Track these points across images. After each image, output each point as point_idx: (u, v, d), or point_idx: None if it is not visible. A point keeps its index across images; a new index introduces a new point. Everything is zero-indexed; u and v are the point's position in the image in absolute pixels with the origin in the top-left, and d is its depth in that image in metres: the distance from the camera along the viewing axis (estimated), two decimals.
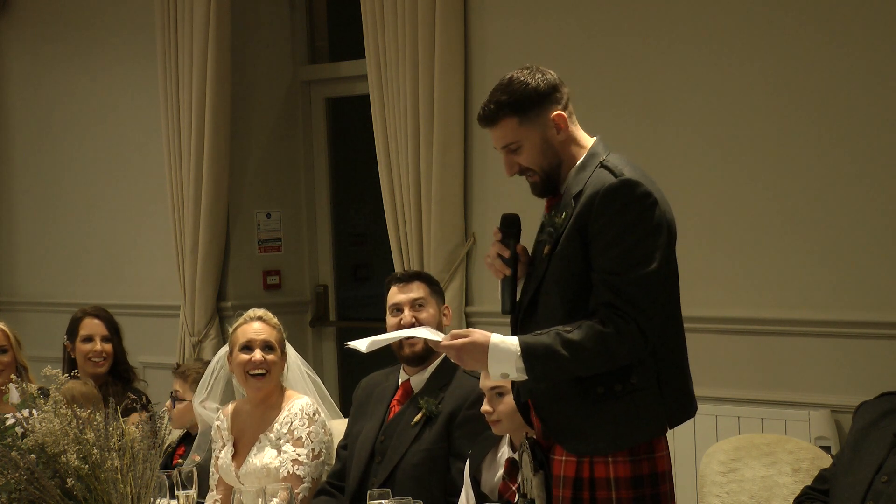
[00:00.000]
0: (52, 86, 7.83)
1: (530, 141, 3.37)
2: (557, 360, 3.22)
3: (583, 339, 3.21)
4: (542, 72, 3.41)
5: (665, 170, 5.30)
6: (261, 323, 4.60)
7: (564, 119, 3.40)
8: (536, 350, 3.24)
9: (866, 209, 4.86)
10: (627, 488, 3.30)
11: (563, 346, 3.21)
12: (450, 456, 4.37)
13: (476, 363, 3.32)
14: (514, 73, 3.40)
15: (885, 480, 3.73)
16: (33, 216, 8.02)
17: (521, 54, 5.70)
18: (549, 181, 3.41)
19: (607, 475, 3.30)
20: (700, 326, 5.17)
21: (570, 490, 3.32)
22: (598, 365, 3.24)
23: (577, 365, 3.23)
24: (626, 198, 3.25)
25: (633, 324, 3.21)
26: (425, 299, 4.56)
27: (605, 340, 3.21)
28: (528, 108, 3.36)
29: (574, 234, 3.28)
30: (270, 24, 6.97)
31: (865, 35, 4.84)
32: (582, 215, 3.27)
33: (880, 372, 4.75)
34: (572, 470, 3.32)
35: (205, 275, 6.79)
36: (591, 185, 3.29)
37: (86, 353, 5.68)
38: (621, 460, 3.29)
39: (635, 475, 3.31)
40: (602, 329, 3.21)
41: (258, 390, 4.57)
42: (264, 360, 4.55)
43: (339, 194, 7.08)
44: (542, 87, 3.37)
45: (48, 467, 3.73)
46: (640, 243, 3.24)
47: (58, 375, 3.96)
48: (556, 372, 3.26)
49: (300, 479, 4.45)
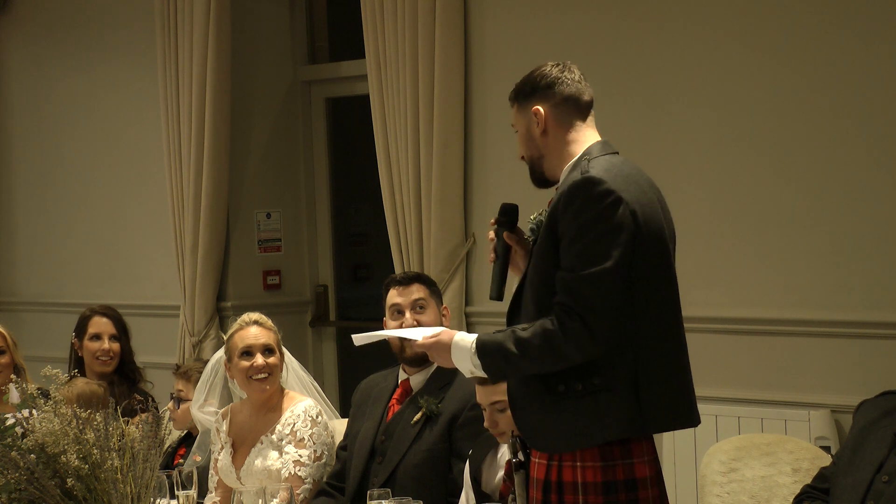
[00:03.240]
0: (51, 85, 7.83)
1: (521, 127, 3.48)
2: (507, 357, 3.28)
3: (531, 336, 3.25)
4: (560, 66, 3.50)
5: (665, 169, 5.30)
6: (258, 327, 4.62)
7: (541, 114, 3.43)
8: (489, 347, 3.32)
9: (866, 209, 4.86)
10: (597, 493, 3.27)
11: (514, 343, 3.27)
12: (451, 456, 4.37)
13: (444, 361, 3.42)
14: (542, 65, 3.52)
15: (885, 480, 3.73)
16: (33, 216, 8.02)
17: (521, 54, 5.71)
18: (533, 170, 3.50)
19: (574, 479, 3.29)
20: (700, 326, 5.18)
21: (541, 493, 3.34)
22: (546, 363, 3.25)
23: (526, 362, 3.27)
24: (586, 195, 3.27)
25: (577, 321, 3.20)
26: (426, 301, 4.56)
27: (549, 338, 3.23)
28: (521, 97, 3.48)
29: (546, 233, 3.34)
30: (270, 24, 6.97)
31: (870, 33, 4.83)
32: (552, 214, 3.33)
33: (880, 372, 4.75)
34: (542, 472, 3.34)
35: (205, 275, 6.79)
36: (564, 184, 3.35)
37: (93, 352, 5.68)
38: (590, 465, 3.28)
39: (607, 480, 3.28)
40: (549, 327, 3.24)
41: (262, 392, 4.59)
42: (266, 363, 4.56)
43: (339, 194, 7.08)
44: (539, 80, 3.46)
45: (48, 467, 3.73)
46: (596, 241, 3.24)
47: (58, 375, 3.96)
48: (507, 368, 3.32)
49: (301, 481, 4.46)
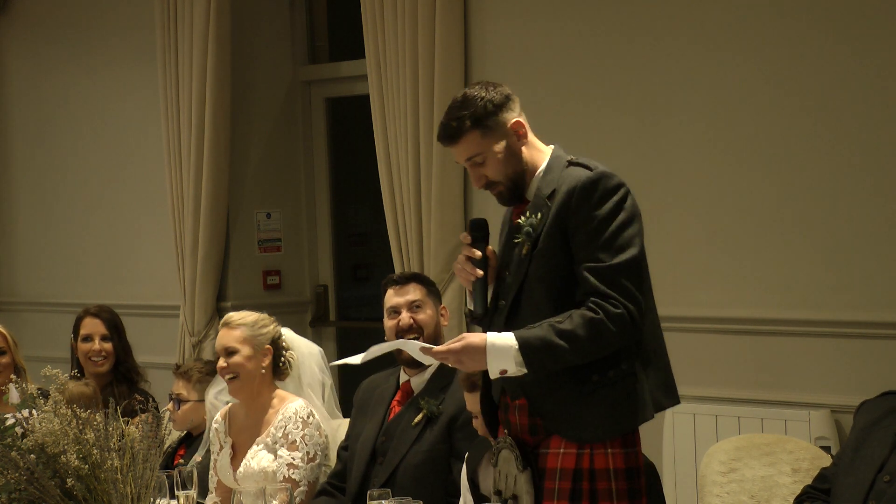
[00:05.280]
0: (51, 86, 7.83)
1: (493, 151, 3.48)
2: (554, 350, 3.32)
3: (575, 327, 3.32)
4: (493, 84, 3.54)
5: (665, 169, 5.31)
6: (225, 329, 4.66)
7: (523, 125, 3.52)
8: (533, 343, 3.34)
9: (866, 209, 4.86)
10: (623, 479, 3.41)
11: (559, 335, 3.32)
12: (451, 457, 4.37)
13: (476, 364, 3.41)
14: (467, 90, 3.53)
15: (886, 480, 3.73)
16: (33, 216, 8.02)
17: (520, 54, 5.71)
18: (515, 189, 3.53)
19: (607, 466, 3.40)
20: (700, 326, 5.18)
21: (570, 481, 3.40)
22: (593, 352, 3.34)
23: (573, 353, 3.33)
24: (604, 189, 3.38)
25: (621, 308, 3.32)
26: (422, 301, 4.56)
27: (596, 327, 3.31)
28: (488, 119, 3.47)
29: (554, 231, 3.40)
30: (270, 24, 6.97)
31: (868, 34, 4.83)
32: (561, 211, 3.39)
33: (880, 372, 4.75)
34: (571, 462, 3.41)
35: (205, 275, 6.79)
36: (566, 183, 3.42)
37: (85, 353, 5.69)
38: (618, 452, 3.41)
39: (628, 466, 3.42)
40: (593, 316, 3.32)
41: (234, 393, 4.65)
42: (227, 365, 4.60)
43: (339, 194, 7.08)
44: (496, 98, 3.49)
45: (48, 467, 3.73)
46: (620, 231, 3.36)
47: (58, 375, 3.96)
48: (553, 362, 3.36)
49: (296, 483, 4.45)
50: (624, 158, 5.29)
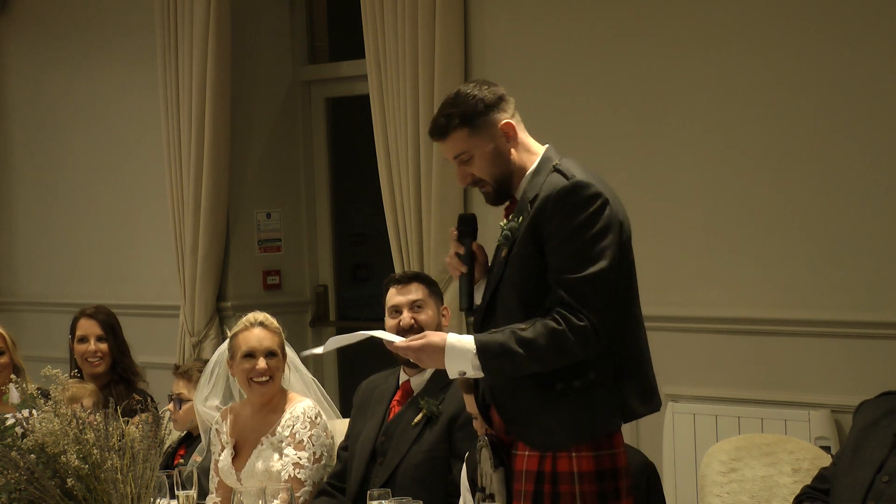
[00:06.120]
0: (51, 86, 7.83)
1: (480, 150, 3.48)
2: (512, 357, 3.33)
3: (536, 336, 3.32)
4: (488, 84, 3.54)
5: (665, 169, 5.31)
6: (262, 329, 4.60)
7: (513, 127, 3.50)
8: (491, 348, 3.36)
9: (866, 209, 4.86)
10: (591, 482, 3.40)
11: (518, 343, 3.33)
12: (451, 457, 4.37)
13: (434, 363, 3.44)
14: (461, 88, 3.54)
15: (886, 480, 3.73)
16: (33, 216, 8.02)
17: (520, 54, 5.71)
18: (501, 190, 3.53)
19: (571, 469, 3.39)
20: (700, 326, 5.18)
21: (532, 484, 3.41)
22: (551, 361, 3.34)
23: (531, 362, 3.34)
24: (577, 199, 3.36)
25: (584, 321, 3.31)
26: (424, 300, 4.56)
27: (557, 337, 3.31)
28: (477, 119, 3.47)
29: (529, 238, 3.40)
30: (270, 24, 6.97)
31: (869, 35, 4.83)
32: (536, 218, 3.39)
33: (880, 372, 4.75)
34: (535, 464, 3.42)
35: (205, 275, 6.78)
36: (545, 189, 3.41)
37: (81, 354, 5.69)
38: (585, 455, 3.39)
39: (598, 469, 3.41)
40: (555, 326, 3.32)
41: (262, 395, 4.59)
42: (267, 367, 4.56)
43: (339, 194, 7.08)
44: (488, 98, 3.49)
45: (48, 467, 3.73)
46: (591, 243, 3.35)
47: (58, 375, 3.96)
48: (510, 369, 3.37)
49: (301, 483, 4.45)
50: (624, 158, 5.29)
